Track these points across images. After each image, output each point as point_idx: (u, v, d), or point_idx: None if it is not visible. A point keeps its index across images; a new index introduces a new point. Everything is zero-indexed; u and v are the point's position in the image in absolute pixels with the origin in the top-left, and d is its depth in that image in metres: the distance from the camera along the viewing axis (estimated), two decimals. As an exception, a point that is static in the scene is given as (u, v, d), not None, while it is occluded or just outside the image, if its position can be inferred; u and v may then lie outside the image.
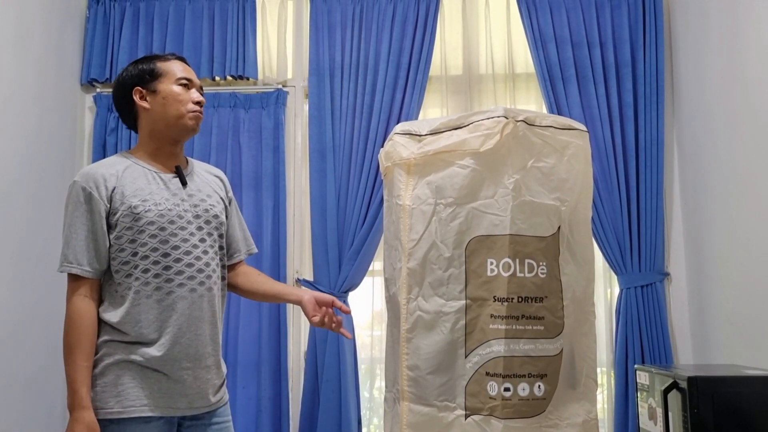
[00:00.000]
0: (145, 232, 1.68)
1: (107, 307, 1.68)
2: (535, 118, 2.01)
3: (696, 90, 2.77)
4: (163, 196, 1.72)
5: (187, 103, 1.78)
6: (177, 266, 1.69)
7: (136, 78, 1.79)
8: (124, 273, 1.68)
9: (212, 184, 1.87)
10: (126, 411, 1.61)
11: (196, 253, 1.73)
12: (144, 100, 1.78)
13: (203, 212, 1.77)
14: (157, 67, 1.79)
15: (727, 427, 1.83)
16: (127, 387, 1.63)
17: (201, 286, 1.73)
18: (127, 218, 1.67)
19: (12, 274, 2.51)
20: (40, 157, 2.73)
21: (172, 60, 1.83)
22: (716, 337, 2.61)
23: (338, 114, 3.01)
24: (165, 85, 1.78)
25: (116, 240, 1.68)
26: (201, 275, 1.73)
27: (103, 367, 1.64)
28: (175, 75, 1.79)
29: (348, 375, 2.80)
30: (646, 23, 2.98)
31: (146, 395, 1.63)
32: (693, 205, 2.82)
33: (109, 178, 1.69)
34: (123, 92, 1.80)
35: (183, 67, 1.83)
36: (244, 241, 1.97)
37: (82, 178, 1.69)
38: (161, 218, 1.70)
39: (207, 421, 1.74)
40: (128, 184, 1.70)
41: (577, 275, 2.02)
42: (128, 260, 1.68)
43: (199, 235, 1.75)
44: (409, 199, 2.02)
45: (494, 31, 3.12)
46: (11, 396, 2.48)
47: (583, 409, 1.98)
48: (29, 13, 2.69)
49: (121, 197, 1.68)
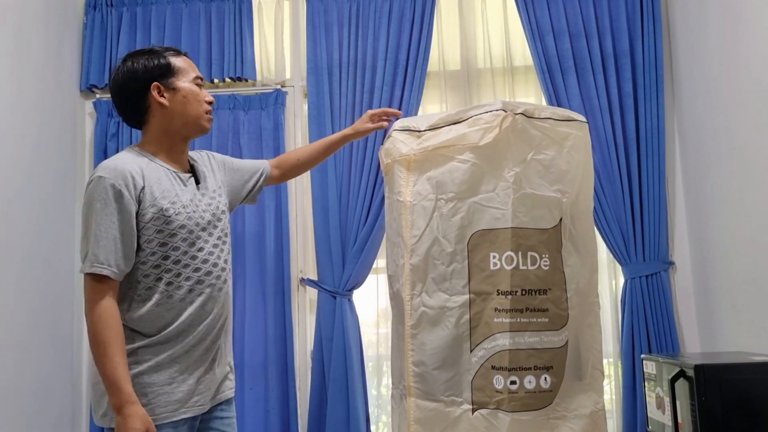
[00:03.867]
0: (176, 236, 1.65)
1: (133, 311, 1.63)
2: (533, 111, 2.01)
3: (696, 78, 2.76)
4: (187, 198, 1.70)
5: (203, 104, 1.77)
6: (205, 267, 1.70)
7: (153, 72, 1.71)
8: (154, 276, 1.64)
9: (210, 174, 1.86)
10: (159, 418, 1.59)
11: (217, 253, 1.74)
12: (162, 96, 1.71)
13: (216, 210, 1.78)
14: (173, 63, 1.74)
15: (735, 414, 1.83)
16: (158, 394, 1.61)
17: (225, 285, 1.76)
18: (158, 221, 1.63)
19: (18, 280, 2.51)
20: (42, 164, 2.74)
21: (182, 56, 1.79)
22: (722, 324, 2.60)
23: (337, 113, 3.01)
24: (184, 82, 1.74)
25: (147, 243, 1.63)
26: (224, 274, 1.76)
27: (132, 376, 1.58)
28: (191, 73, 1.76)
29: (355, 373, 2.80)
30: (644, 12, 2.96)
31: (176, 399, 1.62)
32: (696, 193, 2.81)
33: (137, 176, 1.62)
34: (134, 86, 1.71)
35: (192, 64, 1.80)
36: (253, 165, 2.07)
37: (109, 174, 1.60)
38: (189, 221, 1.68)
39: (216, 414, 1.76)
40: (155, 184, 1.65)
41: (581, 266, 2.02)
42: (159, 264, 1.64)
43: (216, 234, 1.76)
44: (410, 196, 2.03)
45: (491, 25, 3.11)
46: (20, 401, 2.49)
47: (590, 400, 1.98)
48: (27, 21, 2.70)
49: (152, 198, 1.63)
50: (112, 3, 3.17)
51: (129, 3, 3.15)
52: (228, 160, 2.00)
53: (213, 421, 1.75)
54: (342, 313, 2.84)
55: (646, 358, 2.25)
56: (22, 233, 2.56)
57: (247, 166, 2.04)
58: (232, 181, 1.96)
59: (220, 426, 1.77)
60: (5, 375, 2.41)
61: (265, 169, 2.08)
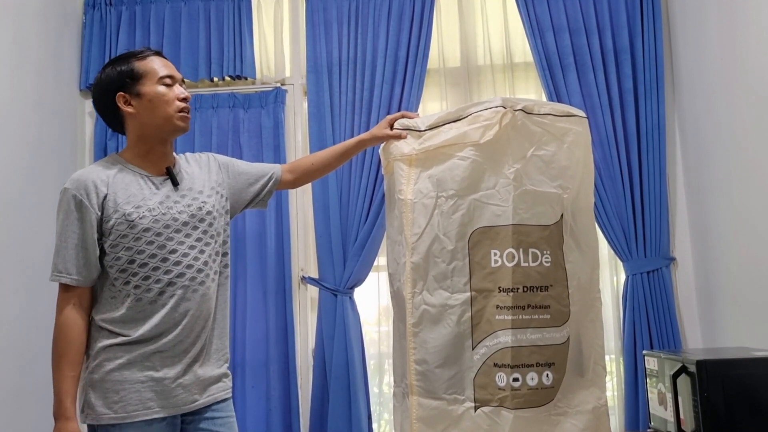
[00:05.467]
0: (141, 239, 1.66)
1: (106, 311, 1.67)
2: (533, 107, 2.00)
3: (696, 73, 2.75)
4: (156, 201, 1.71)
5: (173, 103, 1.73)
6: (177, 269, 1.69)
7: (117, 82, 1.72)
8: (122, 280, 1.67)
9: (203, 175, 1.85)
10: (130, 416, 1.62)
11: (194, 254, 1.73)
12: (129, 105, 1.71)
13: (197, 210, 1.76)
14: (136, 68, 1.72)
15: (738, 410, 1.83)
16: (129, 391, 1.63)
17: (201, 286, 1.73)
18: (122, 226, 1.66)
19: (17, 281, 2.51)
20: (42, 164, 2.74)
21: (149, 57, 1.75)
22: (724, 320, 2.60)
23: (337, 111, 3.00)
24: (148, 86, 1.71)
25: (112, 248, 1.66)
26: (200, 275, 1.73)
27: (104, 373, 1.63)
28: (156, 74, 1.72)
29: (357, 371, 2.80)
30: (644, 8, 2.96)
31: (149, 398, 1.64)
32: (697, 188, 2.81)
33: (100, 184, 1.66)
34: (104, 99, 1.74)
35: (162, 62, 1.76)
36: (262, 168, 2.04)
37: (72, 185, 1.67)
38: (156, 223, 1.68)
39: (206, 415, 1.75)
40: (120, 191, 1.68)
41: (582, 262, 2.02)
42: (125, 268, 1.67)
43: (195, 234, 1.75)
44: (411, 194, 2.02)
45: (491, 22, 3.10)
46: (23, 405, 2.49)
47: (592, 396, 1.98)
48: (26, 20, 2.69)
49: (114, 204, 1.66)
50: (111, 2, 3.17)
51: (128, 2, 3.15)
52: (233, 163, 1.99)
53: (203, 422, 1.74)
54: (343, 311, 2.84)
55: (648, 354, 2.24)
56: (21, 233, 2.55)
57: (253, 170, 2.02)
58: (234, 183, 1.95)
59: (211, 426, 1.75)
60: (7, 376, 2.41)
61: (275, 174, 2.05)
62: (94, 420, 1.63)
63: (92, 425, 1.64)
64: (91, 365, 1.66)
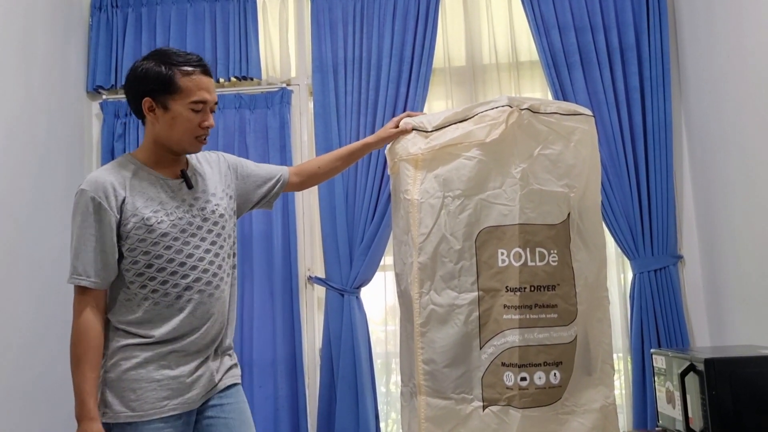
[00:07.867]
0: (159, 244, 1.67)
1: (122, 314, 1.69)
2: (539, 106, 2.00)
3: (702, 70, 2.74)
4: (173, 205, 1.72)
5: (195, 129, 1.72)
6: (194, 274, 1.70)
7: (150, 84, 1.68)
8: (138, 283, 1.68)
9: (214, 176, 1.86)
10: (147, 414, 1.63)
11: (209, 258, 1.74)
12: (152, 112, 1.70)
13: (210, 214, 1.78)
14: (175, 80, 1.67)
15: (746, 408, 1.82)
16: (146, 390, 1.64)
17: (216, 289, 1.75)
18: (140, 230, 1.66)
19: (27, 284, 2.53)
20: (49, 165, 2.75)
21: (194, 75, 1.69)
22: (732, 318, 2.59)
23: (343, 110, 3.01)
24: (178, 104, 1.68)
25: (129, 252, 1.67)
26: (216, 279, 1.75)
27: (121, 372, 1.65)
28: (190, 97, 1.68)
29: (364, 370, 2.81)
30: (650, 5, 2.95)
31: (165, 396, 1.66)
32: (704, 186, 2.80)
33: (119, 186, 1.66)
34: (133, 91, 1.72)
35: (203, 84, 1.71)
36: (270, 170, 2.04)
37: (90, 186, 1.65)
38: (173, 228, 1.69)
39: (212, 402, 1.76)
40: (138, 194, 1.68)
41: (589, 261, 2.01)
42: (142, 272, 1.67)
43: (210, 238, 1.76)
44: (418, 194, 2.02)
45: (496, 20, 3.10)
46: (32, 406, 2.50)
47: (600, 394, 1.98)
48: (33, 23, 2.70)
49: (133, 208, 1.66)
50: (117, 4, 3.18)
51: (134, 4, 3.16)
52: (241, 163, 1.99)
53: (210, 410, 1.75)
54: (350, 311, 2.85)
55: (656, 353, 2.24)
56: (30, 235, 2.57)
57: (261, 172, 2.02)
58: (242, 185, 1.95)
59: (219, 413, 1.76)
60: (16, 377, 2.43)
61: (282, 176, 2.05)
62: (111, 418, 1.64)
63: (108, 423, 1.65)
64: (107, 364, 1.67)
